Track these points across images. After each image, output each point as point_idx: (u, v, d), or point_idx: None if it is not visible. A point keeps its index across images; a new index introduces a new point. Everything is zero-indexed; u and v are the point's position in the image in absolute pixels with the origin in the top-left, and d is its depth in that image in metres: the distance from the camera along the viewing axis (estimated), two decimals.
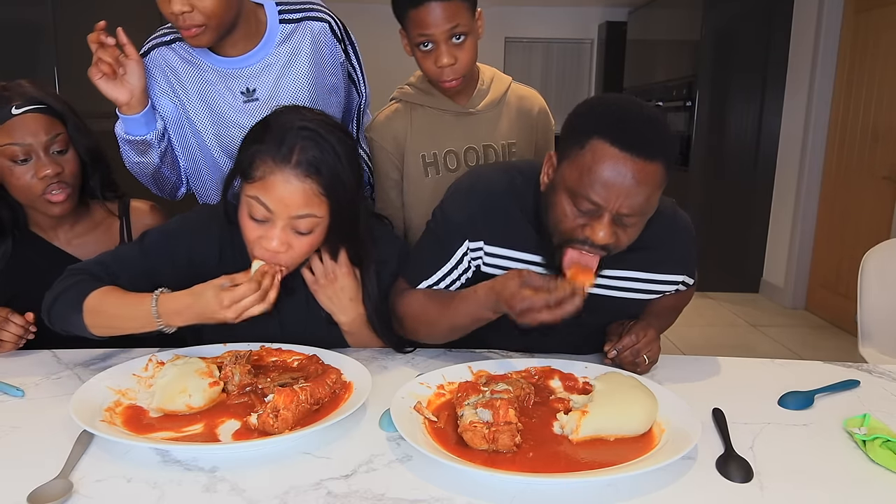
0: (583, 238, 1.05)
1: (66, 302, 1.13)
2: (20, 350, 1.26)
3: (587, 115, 1.07)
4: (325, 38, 1.46)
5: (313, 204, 1.08)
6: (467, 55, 1.41)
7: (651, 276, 1.24)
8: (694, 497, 0.82)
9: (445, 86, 1.44)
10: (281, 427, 0.92)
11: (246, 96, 1.42)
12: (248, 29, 1.38)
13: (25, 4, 2.76)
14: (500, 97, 1.55)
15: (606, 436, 0.93)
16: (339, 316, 1.27)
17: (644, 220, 1.08)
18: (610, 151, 0.99)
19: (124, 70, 1.32)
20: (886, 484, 0.86)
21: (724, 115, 4.64)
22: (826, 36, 4.09)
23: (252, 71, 1.42)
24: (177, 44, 1.41)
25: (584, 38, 6.95)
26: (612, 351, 1.17)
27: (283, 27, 1.42)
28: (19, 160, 1.27)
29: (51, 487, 0.79)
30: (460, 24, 1.36)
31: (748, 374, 1.24)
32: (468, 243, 1.22)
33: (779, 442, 0.97)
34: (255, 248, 1.12)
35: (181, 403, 0.99)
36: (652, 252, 1.21)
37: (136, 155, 1.41)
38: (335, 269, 1.23)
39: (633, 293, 1.26)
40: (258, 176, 1.08)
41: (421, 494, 0.81)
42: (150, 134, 1.39)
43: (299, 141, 1.07)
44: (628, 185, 0.99)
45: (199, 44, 1.31)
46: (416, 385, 1.06)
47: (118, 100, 1.34)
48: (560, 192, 1.07)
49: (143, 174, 1.47)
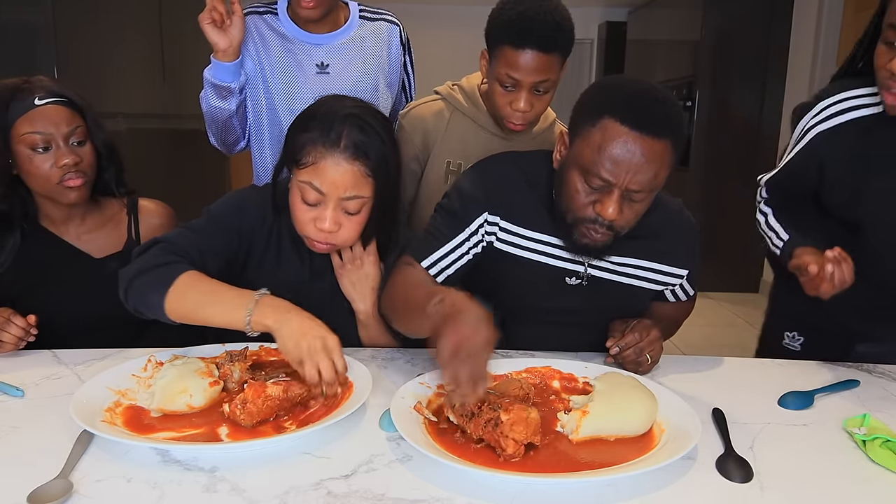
0: (593, 216, 1.11)
1: (149, 284, 1.10)
2: (20, 350, 1.26)
3: (599, 95, 1.12)
4: (394, 40, 1.68)
5: (361, 185, 1.15)
6: (543, 106, 1.43)
7: (655, 266, 1.27)
8: (694, 497, 0.82)
9: (510, 126, 1.45)
10: (247, 419, 0.95)
11: (319, 69, 1.62)
12: (335, 16, 1.63)
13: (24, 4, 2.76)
14: (541, 132, 1.56)
15: (606, 436, 0.93)
16: (358, 304, 1.30)
17: (650, 199, 1.12)
18: (620, 129, 1.04)
19: (230, 21, 1.47)
20: (886, 484, 0.86)
21: (724, 115, 4.64)
22: (826, 36, 4.10)
23: (329, 48, 1.63)
24: (268, 15, 1.63)
25: (584, 38, 6.94)
26: (614, 347, 1.17)
27: (362, 22, 1.67)
28: (39, 148, 1.29)
29: (51, 487, 0.79)
30: (549, 80, 1.37)
31: (748, 374, 1.24)
32: (487, 215, 1.24)
33: (779, 442, 0.97)
34: (309, 229, 1.18)
35: (182, 403, 0.99)
36: (658, 241, 1.26)
37: (218, 99, 1.56)
38: (363, 255, 1.28)
39: (636, 280, 1.28)
40: (310, 161, 1.14)
41: (421, 494, 0.81)
42: (235, 83, 1.54)
43: (346, 127, 1.14)
44: (637, 161, 1.04)
45: (312, 16, 1.53)
46: (416, 385, 1.06)
47: (218, 45, 1.48)
48: (572, 170, 1.12)
49: (216, 120, 1.61)
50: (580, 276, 1.26)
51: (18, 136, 1.28)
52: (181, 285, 1.08)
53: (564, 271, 1.26)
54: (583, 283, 1.26)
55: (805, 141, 1.30)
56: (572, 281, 1.26)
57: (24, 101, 1.28)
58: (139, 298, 1.11)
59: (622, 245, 1.20)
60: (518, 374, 1.14)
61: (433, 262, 1.24)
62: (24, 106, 1.28)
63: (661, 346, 1.21)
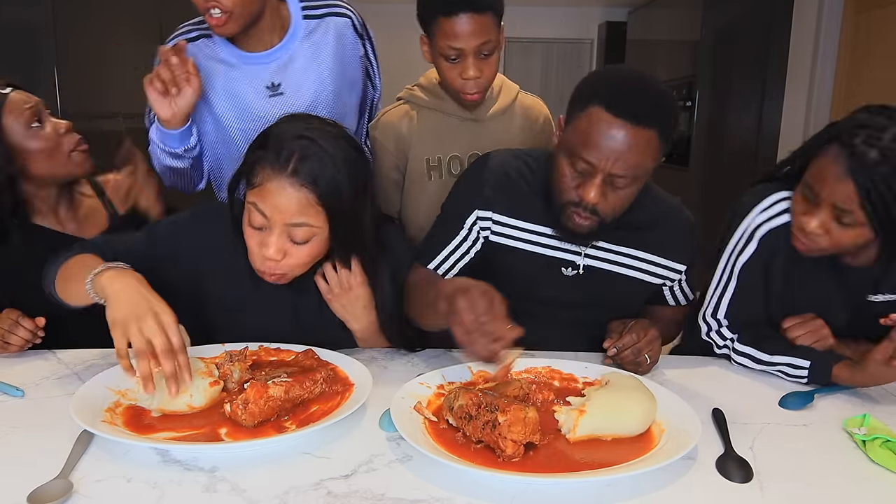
0: (577, 199, 1.13)
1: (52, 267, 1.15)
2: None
3: (590, 83, 1.16)
4: (347, 33, 1.50)
5: (309, 213, 1.08)
6: (492, 70, 1.43)
7: (653, 258, 1.29)
8: (694, 497, 0.82)
9: (467, 98, 1.45)
10: (248, 420, 0.94)
11: (271, 90, 1.45)
12: (272, 23, 1.42)
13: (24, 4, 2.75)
14: (507, 106, 1.56)
15: (603, 435, 0.93)
16: (352, 324, 1.27)
17: (635, 186, 1.13)
18: (604, 116, 1.07)
19: (178, 92, 1.32)
20: (886, 484, 0.86)
21: (724, 115, 4.64)
22: (826, 36, 4.09)
23: (277, 65, 1.45)
24: (202, 40, 1.44)
25: (584, 38, 6.94)
26: (612, 348, 1.17)
27: (307, 22, 1.47)
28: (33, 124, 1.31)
29: (51, 487, 0.79)
30: (490, 41, 1.38)
31: (748, 374, 1.24)
32: (478, 212, 1.27)
33: (779, 442, 0.97)
34: (254, 257, 1.13)
35: (182, 404, 0.99)
36: (656, 233, 1.28)
37: (169, 159, 1.43)
38: (349, 278, 1.22)
39: (634, 272, 1.29)
40: (257, 182, 1.09)
41: (421, 494, 0.81)
42: (181, 148, 1.41)
43: (297, 150, 1.07)
44: (619, 147, 1.07)
45: (224, 32, 1.34)
46: (416, 385, 1.06)
47: (159, 115, 1.35)
48: (561, 154, 1.16)
49: (171, 175, 1.49)
50: (576, 267, 1.27)
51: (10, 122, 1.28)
52: (70, 263, 1.11)
53: (560, 261, 1.28)
54: (579, 272, 1.28)
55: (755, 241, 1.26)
56: (569, 272, 1.28)
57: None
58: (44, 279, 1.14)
59: (620, 236, 1.23)
60: (518, 374, 1.14)
61: (437, 265, 1.30)
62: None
63: (659, 345, 1.21)
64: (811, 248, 1.16)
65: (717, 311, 1.30)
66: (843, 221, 1.10)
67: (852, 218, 1.08)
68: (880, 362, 1.08)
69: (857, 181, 1.04)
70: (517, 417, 0.87)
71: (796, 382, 1.18)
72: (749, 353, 1.24)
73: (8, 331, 1.23)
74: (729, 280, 1.29)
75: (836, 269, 1.23)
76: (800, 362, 1.18)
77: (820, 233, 1.12)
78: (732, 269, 1.29)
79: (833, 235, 1.12)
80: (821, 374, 1.15)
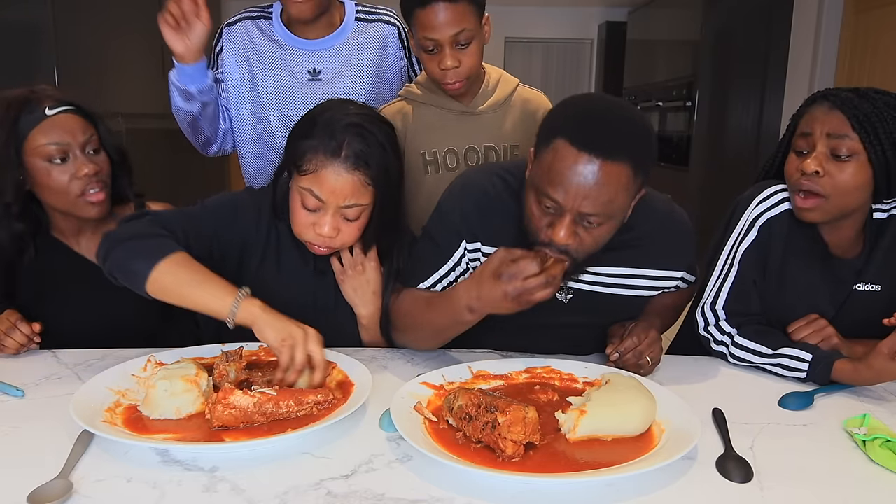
0: (546, 239, 1.04)
1: (138, 252, 1.11)
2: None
3: (556, 114, 1.09)
4: (392, 41, 1.65)
5: (361, 193, 1.17)
6: (471, 59, 1.42)
7: (650, 273, 1.24)
8: (694, 497, 0.82)
9: (448, 88, 1.45)
10: (213, 420, 0.94)
11: (311, 75, 1.60)
12: (330, 19, 1.60)
13: (24, 4, 2.76)
14: (504, 99, 1.55)
15: (604, 436, 0.93)
16: (359, 309, 1.31)
17: (614, 224, 1.06)
18: (570, 151, 0.99)
19: (188, 26, 1.41)
20: (886, 484, 0.86)
21: (724, 115, 4.64)
22: (826, 36, 4.09)
23: (322, 55, 1.60)
24: (262, 20, 1.62)
25: (584, 38, 6.94)
26: (614, 354, 1.17)
27: (358, 24, 1.63)
28: (57, 160, 1.24)
29: (51, 487, 0.79)
30: (466, 30, 1.37)
31: (748, 374, 1.24)
32: (465, 244, 1.21)
33: (779, 442, 0.97)
34: (308, 234, 1.19)
35: (171, 412, 0.98)
36: (649, 248, 1.22)
37: (181, 100, 1.54)
38: (364, 260, 1.29)
39: (632, 290, 1.25)
40: (310, 169, 1.15)
41: (421, 494, 0.81)
42: (193, 87, 1.51)
43: (347, 136, 1.15)
44: (587, 184, 0.98)
45: (302, 12, 1.49)
46: (416, 385, 1.06)
47: (173, 50, 1.44)
48: (530, 190, 1.07)
49: (182, 121, 1.60)
50: (570, 291, 1.24)
51: (32, 148, 1.23)
52: (172, 262, 1.10)
53: None
54: (572, 298, 1.24)
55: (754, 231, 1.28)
56: (563, 296, 1.24)
57: (33, 112, 1.23)
58: (121, 263, 1.12)
59: (613, 257, 1.17)
60: (518, 374, 1.14)
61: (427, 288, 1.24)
62: (35, 117, 1.23)
63: (660, 346, 1.21)
64: (810, 205, 1.18)
65: (716, 302, 1.29)
66: (839, 154, 1.14)
67: (849, 146, 1.13)
68: (886, 356, 1.07)
69: (845, 110, 1.13)
70: (517, 418, 0.87)
71: (795, 378, 1.18)
72: (750, 346, 1.24)
73: (5, 333, 1.22)
74: (730, 269, 1.29)
75: (826, 260, 1.26)
76: (802, 355, 1.17)
77: (820, 172, 1.15)
78: (734, 258, 1.29)
79: (833, 177, 1.15)
80: (822, 368, 1.15)
